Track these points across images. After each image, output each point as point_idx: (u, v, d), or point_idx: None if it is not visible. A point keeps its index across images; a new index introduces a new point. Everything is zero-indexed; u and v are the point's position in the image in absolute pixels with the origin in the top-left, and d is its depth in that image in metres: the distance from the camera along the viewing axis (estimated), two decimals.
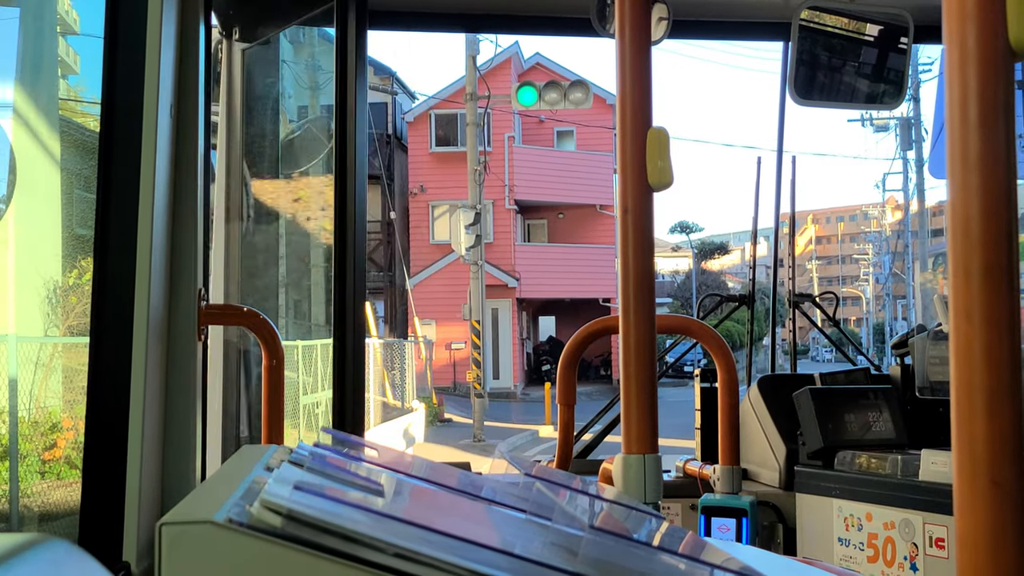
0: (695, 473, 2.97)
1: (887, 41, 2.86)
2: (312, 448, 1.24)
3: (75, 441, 7.76)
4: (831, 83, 2.92)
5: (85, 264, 8.46)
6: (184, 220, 1.67)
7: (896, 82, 2.91)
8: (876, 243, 65.14)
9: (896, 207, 59.53)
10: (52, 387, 7.99)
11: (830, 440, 2.84)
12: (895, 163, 46.19)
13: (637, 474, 1.61)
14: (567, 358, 2.30)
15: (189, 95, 1.69)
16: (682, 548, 1.08)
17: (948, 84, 0.70)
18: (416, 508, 1.12)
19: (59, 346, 8.22)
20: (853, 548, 2.70)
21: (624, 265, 1.70)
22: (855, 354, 8.98)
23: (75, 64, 10.37)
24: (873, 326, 60.19)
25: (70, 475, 7.73)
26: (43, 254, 8.37)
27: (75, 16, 10.35)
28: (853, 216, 79.86)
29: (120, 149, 1.50)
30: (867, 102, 2.99)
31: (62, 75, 10.17)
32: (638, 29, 1.74)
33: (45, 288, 8.16)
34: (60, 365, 8.08)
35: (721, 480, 2.43)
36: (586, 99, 18.38)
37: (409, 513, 1.00)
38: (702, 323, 2.43)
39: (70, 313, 8.26)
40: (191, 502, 1.00)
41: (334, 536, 0.88)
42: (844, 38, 2.87)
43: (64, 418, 7.81)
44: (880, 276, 61.37)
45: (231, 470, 1.21)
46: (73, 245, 8.73)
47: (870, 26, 2.86)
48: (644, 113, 1.67)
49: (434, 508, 1.13)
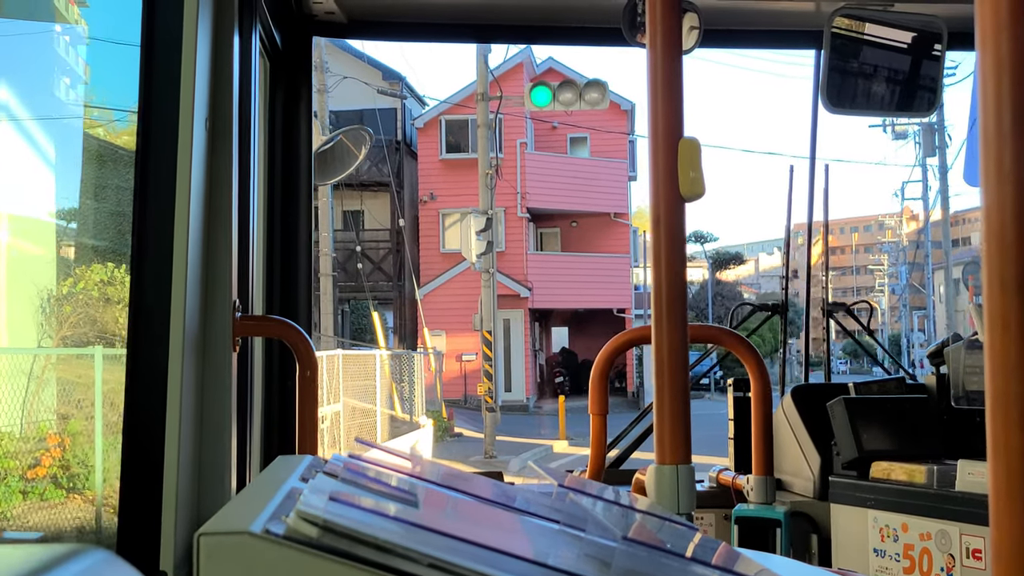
0: (728, 483, 2.96)
1: (920, 48, 2.84)
2: (346, 458, 1.25)
3: (62, 459, 7.38)
4: (864, 91, 2.91)
5: (79, 272, 8.26)
6: (218, 233, 1.68)
7: (930, 90, 2.89)
8: (892, 253, 64.38)
9: (912, 217, 58.95)
10: (46, 400, 7.66)
11: (865, 450, 2.82)
12: (914, 171, 45.51)
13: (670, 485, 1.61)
14: (599, 368, 2.30)
15: (224, 108, 1.71)
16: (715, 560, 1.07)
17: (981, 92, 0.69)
18: (450, 518, 1.12)
19: (52, 358, 7.95)
20: (889, 559, 2.68)
21: (657, 276, 1.71)
22: (871, 364, 8.85)
23: (85, 73, 10.44)
24: (888, 337, 59.47)
25: (55, 495, 7.33)
26: (36, 262, 8.13)
27: (84, 25, 10.41)
28: (868, 226, 79.19)
29: (155, 163, 1.52)
30: (900, 110, 2.98)
31: (71, 85, 10.23)
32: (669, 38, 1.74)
33: (39, 297, 7.92)
34: (53, 378, 7.80)
35: (755, 490, 2.42)
36: (602, 99, 17.50)
37: (443, 523, 1.01)
38: (734, 333, 2.42)
39: (64, 323, 8.05)
40: (228, 513, 1.01)
41: (369, 546, 0.88)
42: (876, 46, 2.85)
43: (50, 434, 7.41)
44: (896, 287, 60.63)
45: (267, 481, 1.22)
46: (68, 253, 8.56)
47: (903, 33, 2.85)
48: (675, 123, 1.67)
49: (467, 518, 1.13)
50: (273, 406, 2.54)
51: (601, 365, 2.30)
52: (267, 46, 2.51)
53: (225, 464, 1.65)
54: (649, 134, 1.69)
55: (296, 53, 2.79)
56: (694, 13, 2.48)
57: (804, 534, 2.94)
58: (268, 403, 2.54)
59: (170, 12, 1.53)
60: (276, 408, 2.54)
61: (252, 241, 1.96)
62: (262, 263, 2.59)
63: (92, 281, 8.00)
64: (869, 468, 2.81)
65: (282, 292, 2.69)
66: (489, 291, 23.11)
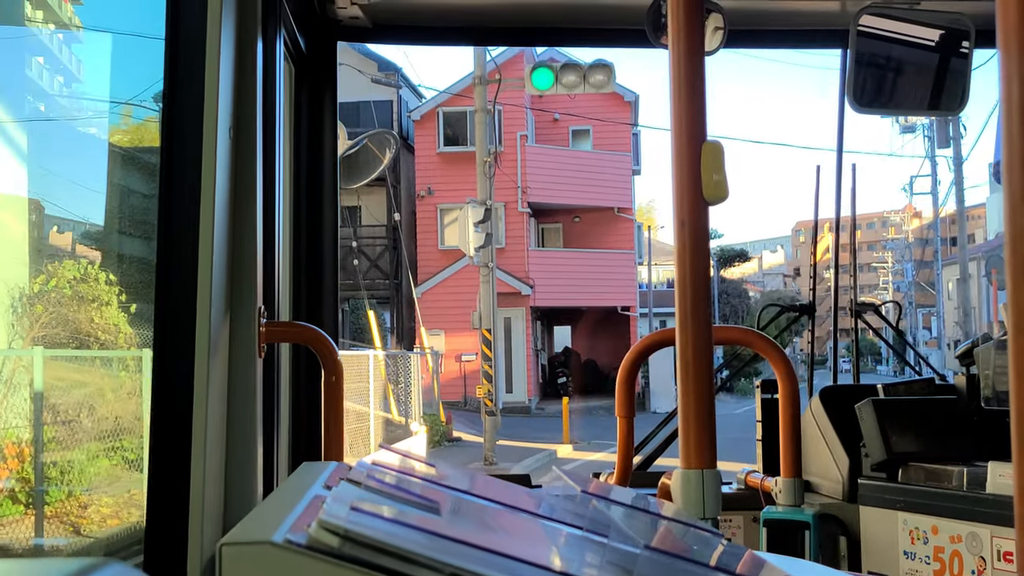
0: (757, 485, 2.94)
1: (947, 46, 2.81)
2: (369, 465, 1.25)
3: (21, 471, 6.94)
4: (890, 90, 2.89)
5: (52, 268, 8.02)
6: (244, 239, 1.69)
7: (958, 88, 2.86)
8: (898, 250, 63.50)
9: (915, 215, 58.27)
10: (16, 406, 7.26)
11: (894, 452, 2.80)
12: (922, 168, 44.61)
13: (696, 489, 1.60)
14: (625, 371, 2.29)
15: (248, 113, 1.72)
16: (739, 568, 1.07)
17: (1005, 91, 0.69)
18: (472, 526, 1.12)
19: (22, 359, 7.54)
20: (919, 562, 2.66)
21: (681, 279, 1.70)
22: (874, 363, 8.60)
23: (78, 70, 10.45)
24: (892, 336, 58.41)
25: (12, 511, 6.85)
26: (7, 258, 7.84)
27: (78, 23, 10.43)
28: (871, 224, 78.35)
29: (180, 170, 1.53)
30: (928, 108, 2.95)
31: (65, 82, 10.25)
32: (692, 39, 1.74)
33: (9, 296, 7.50)
34: (25, 382, 7.40)
35: (783, 492, 2.41)
36: (608, 82, 16.40)
37: (465, 531, 1.00)
38: (761, 334, 2.40)
39: (35, 323, 7.67)
40: (251, 521, 1.02)
41: (391, 556, 0.88)
42: (903, 44, 2.83)
43: (8, 443, 6.97)
44: (902, 285, 59.85)
45: (291, 488, 1.22)
46: (41, 247, 8.30)
47: (929, 31, 2.82)
48: (698, 126, 1.67)
49: (490, 526, 1.13)
50: (299, 412, 2.55)
51: (627, 368, 2.29)
52: (291, 51, 2.52)
53: (252, 471, 1.65)
54: (672, 137, 1.68)
55: (320, 58, 2.80)
56: (718, 14, 2.47)
57: (833, 537, 2.92)
58: (294, 409, 2.54)
59: (194, 18, 1.54)
60: (302, 414, 2.55)
61: (278, 247, 1.96)
62: (288, 269, 2.60)
63: (64, 279, 7.83)
64: (899, 470, 2.79)
65: (308, 298, 2.69)
66: (488, 287, 21.96)
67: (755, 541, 2.78)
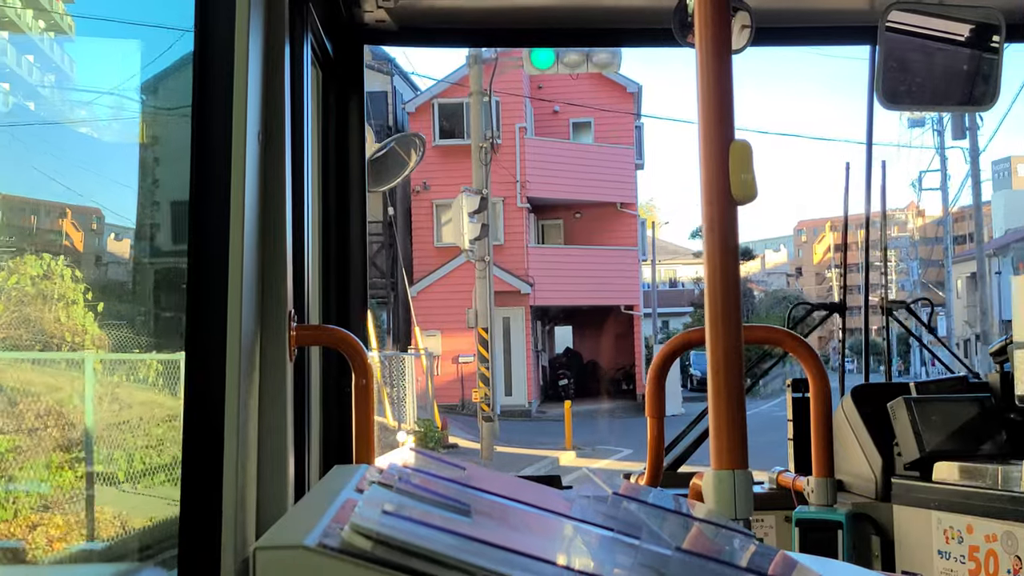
0: (789, 484, 2.92)
1: (977, 41, 2.79)
2: (401, 468, 1.25)
3: None
4: (920, 86, 2.86)
5: (13, 264, 7.69)
6: (273, 243, 1.70)
7: (989, 83, 2.84)
8: (903, 248, 62.60)
9: (918, 213, 57.55)
10: None
11: (927, 450, 2.78)
12: (932, 163, 43.63)
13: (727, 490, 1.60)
14: (655, 371, 2.29)
15: (276, 118, 1.73)
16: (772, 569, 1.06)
17: None
18: (503, 528, 1.12)
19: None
20: (954, 561, 2.63)
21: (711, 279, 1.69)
22: (877, 363, 8.43)
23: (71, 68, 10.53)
24: (896, 335, 57.76)
25: None
26: None
27: (70, 22, 10.48)
28: (874, 222, 77.53)
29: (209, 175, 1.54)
30: (958, 104, 2.93)
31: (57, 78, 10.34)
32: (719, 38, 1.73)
33: None
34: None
35: (816, 492, 2.40)
36: (613, 61, 15.22)
37: (496, 534, 1.01)
38: (791, 333, 2.39)
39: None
40: (284, 526, 1.02)
41: (423, 559, 0.89)
42: (933, 39, 2.81)
43: None
44: (906, 283, 59.02)
45: (322, 492, 1.23)
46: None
47: (959, 26, 2.80)
48: (726, 125, 1.66)
49: (521, 528, 1.13)
50: (330, 415, 2.56)
51: (657, 368, 2.28)
52: (318, 55, 2.53)
53: (283, 474, 1.66)
54: (699, 136, 1.68)
55: (347, 61, 2.81)
56: (745, 12, 2.45)
57: (866, 536, 2.90)
58: (325, 412, 2.55)
59: (221, 24, 1.55)
60: (333, 417, 2.56)
61: (307, 251, 1.97)
62: (317, 272, 2.61)
63: (26, 276, 7.65)
64: (932, 469, 2.76)
65: (337, 301, 2.71)
66: (485, 283, 20.72)
67: (787, 541, 2.76)
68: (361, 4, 2.76)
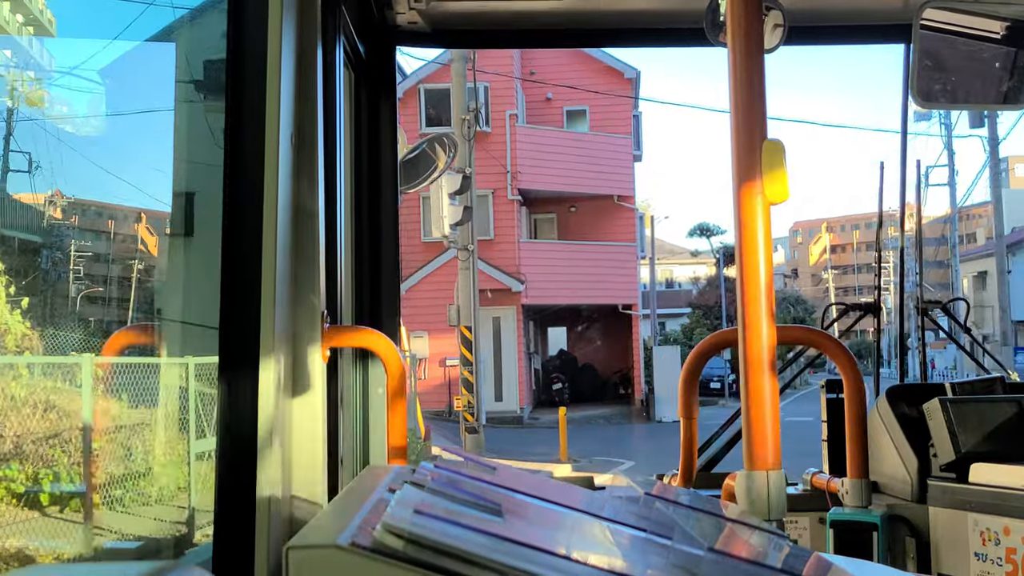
0: (823, 486, 2.91)
1: (1012, 38, 2.76)
2: (433, 468, 1.26)
3: None
4: (954, 83, 2.84)
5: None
6: (306, 244, 1.71)
7: None
8: (905, 248, 61.57)
9: (911, 213, 56.61)
10: None
11: (963, 452, 2.75)
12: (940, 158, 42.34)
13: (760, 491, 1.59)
14: (688, 371, 2.28)
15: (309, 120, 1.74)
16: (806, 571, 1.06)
17: None
18: (535, 528, 1.12)
19: None
20: (991, 563, 2.61)
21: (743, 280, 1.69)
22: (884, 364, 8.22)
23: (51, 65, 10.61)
24: (894, 337, 56.86)
25: None
26: None
27: (50, 17, 10.53)
28: (870, 223, 76.69)
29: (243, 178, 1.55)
30: (993, 102, 2.90)
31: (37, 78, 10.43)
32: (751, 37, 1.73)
33: None
34: None
35: (850, 493, 2.38)
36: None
37: (528, 534, 1.01)
38: (826, 334, 2.38)
39: None
40: (317, 525, 1.03)
41: (455, 559, 0.89)
42: (967, 36, 2.78)
43: None
44: (907, 285, 57.90)
45: (355, 491, 1.23)
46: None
47: (993, 23, 2.77)
48: (758, 125, 1.66)
49: (553, 528, 1.13)
50: (363, 415, 2.57)
51: (690, 369, 2.28)
52: (351, 57, 2.54)
53: (316, 474, 1.67)
54: (731, 136, 1.67)
55: (379, 63, 2.82)
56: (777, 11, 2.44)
57: (902, 538, 2.88)
58: (358, 412, 2.56)
59: (255, 28, 1.56)
60: (366, 417, 2.57)
61: (340, 252, 1.98)
62: (350, 273, 2.62)
63: None
64: (968, 470, 2.74)
65: (370, 302, 2.72)
66: (468, 275, 18.73)
67: (822, 543, 2.74)
68: (393, 6, 2.77)
